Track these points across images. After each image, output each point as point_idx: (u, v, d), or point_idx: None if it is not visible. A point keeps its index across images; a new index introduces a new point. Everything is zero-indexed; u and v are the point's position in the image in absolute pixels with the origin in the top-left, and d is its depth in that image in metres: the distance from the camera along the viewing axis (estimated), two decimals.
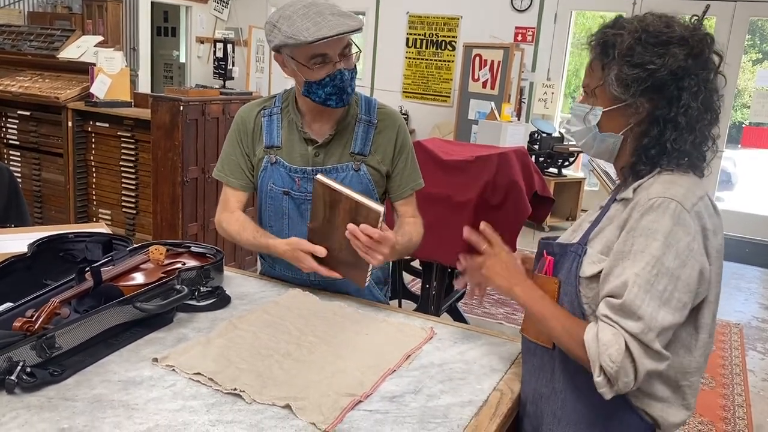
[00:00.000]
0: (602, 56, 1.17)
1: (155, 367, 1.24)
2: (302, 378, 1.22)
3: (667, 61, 1.10)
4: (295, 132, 1.70)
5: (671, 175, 1.13)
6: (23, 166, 4.34)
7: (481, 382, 1.29)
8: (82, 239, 1.76)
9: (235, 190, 1.76)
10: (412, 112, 7.93)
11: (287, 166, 1.68)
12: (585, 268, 1.15)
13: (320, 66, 1.56)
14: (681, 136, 1.13)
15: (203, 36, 8.84)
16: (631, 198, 1.14)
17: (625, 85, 1.13)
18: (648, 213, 1.08)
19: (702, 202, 1.11)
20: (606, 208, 1.21)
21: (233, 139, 1.76)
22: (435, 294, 3.25)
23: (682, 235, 1.06)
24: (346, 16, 1.53)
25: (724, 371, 3.58)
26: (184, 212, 3.64)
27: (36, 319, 1.20)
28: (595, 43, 1.19)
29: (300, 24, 1.50)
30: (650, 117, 1.15)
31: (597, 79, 1.19)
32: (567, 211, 6.60)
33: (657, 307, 1.04)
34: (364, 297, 1.73)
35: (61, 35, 4.55)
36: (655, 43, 1.11)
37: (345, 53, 1.58)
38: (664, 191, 1.09)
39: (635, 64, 1.12)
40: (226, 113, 3.81)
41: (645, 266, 1.05)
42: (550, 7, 7.14)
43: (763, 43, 8.43)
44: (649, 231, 1.06)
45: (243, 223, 1.72)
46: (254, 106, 1.76)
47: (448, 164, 3.09)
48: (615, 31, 1.15)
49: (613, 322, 1.06)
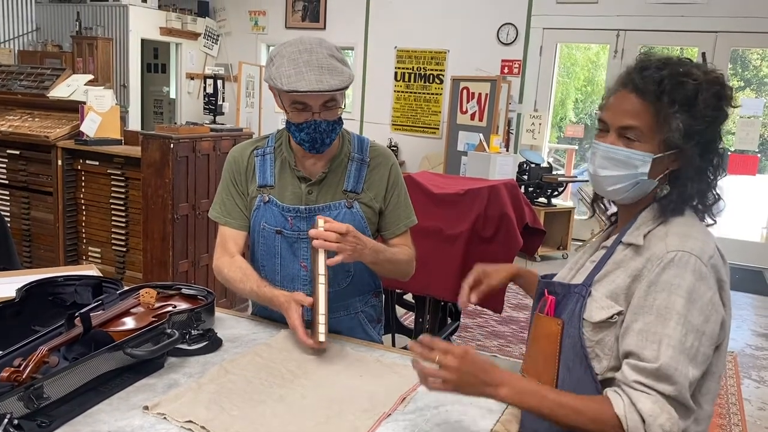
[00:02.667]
0: (667, 104, 1.11)
1: (146, 416, 1.22)
2: (296, 424, 1.20)
3: (720, 117, 1.11)
4: (287, 170, 1.70)
5: (682, 222, 1.13)
6: (12, 205, 4.31)
7: (477, 424, 1.27)
8: (71, 282, 1.74)
9: (233, 230, 1.74)
10: (401, 144, 7.98)
11: (280, 205, 1.68)
12: (592, 312, 1.13)
13: (298, 113, 1.58)
14: (708, 188, 1.14)
15: (193, 72, 8.91)
16: (642, 245, 1.13)
17: (688, 135, 1.10)
18: (669, 268, 1.07)
19: (715, 253, 1.11)
20: (611, 250, 1.19)
21: (227, 179, 1.75)
22: (428, 328, 3.23)
23: (704, 290, 1.06)
24: (334, 72, 1.52)
25: (720, 401, 3.56)
26: (174, 249, 3.62)
27: (24, 368, 1.18)
28: (654, 87, 1.12)
29: (284, 69, 1.52)
30: (688, 166, 1.14)
31: (658, 126, 1.12)
32: (558, 240, 6.63)
33: (687, 365, 1.04)
34: (358, 336, 1.72)
35: (51, 74, 4.57)
36: (718, 97, 1.11)
37: (328, 106, 1.58)
38: (681, 245, 1.09)
39: (699, 116, 1.10)
40: (217, 150, 3.82)
41: (675, 326, 1.04)
42: (535, 41, 7.27)
43: (744, 71, 8.60)
44: (672, 287, 1.06)
45: (245, 272, 1.68)
46: (247, 146, 1.77)
47: (438, 198, 3.11)
48: (679, 77, 1.11)
49: (648, 388, 1.04)
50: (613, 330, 1.12)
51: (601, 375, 1.13)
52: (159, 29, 8.33)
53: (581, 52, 9.08)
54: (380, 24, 8.03)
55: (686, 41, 6.74)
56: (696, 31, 6.56)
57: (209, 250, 3.88)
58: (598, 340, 1.13)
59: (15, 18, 8.17)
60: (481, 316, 4.66)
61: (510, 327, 4.53)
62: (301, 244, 1.67)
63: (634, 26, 6.75)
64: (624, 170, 1.16)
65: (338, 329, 1.71)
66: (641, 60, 1.16)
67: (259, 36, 8.79)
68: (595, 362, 1.13)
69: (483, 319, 4.62)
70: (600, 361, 1.13)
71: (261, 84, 7.30)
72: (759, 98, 7.29)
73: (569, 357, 1.15)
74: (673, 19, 6.59)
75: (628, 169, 1.15)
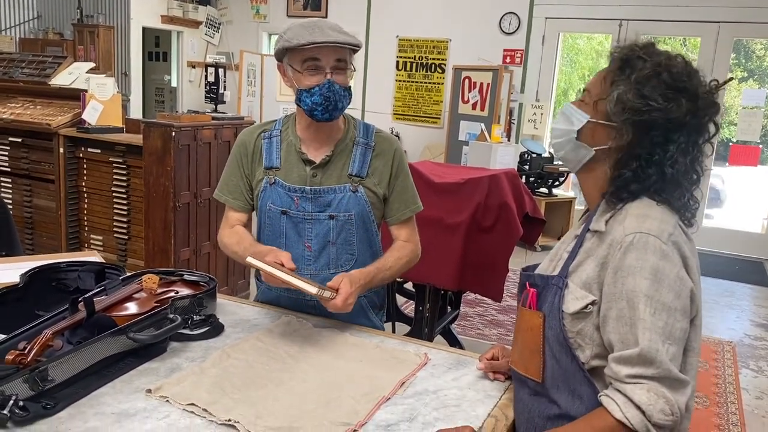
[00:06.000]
0: (618, 71, 1.16)
1: (149, 399, 1.24)
2: (297, 407, 1.22)
3: (668, 107, 1.11)
4: (293, 153, 1.74)
5: (640, 204, 1.14)
6: (14, 192, 4.33)
7: (475, 409, 1.29)
8: (74, 268, 1.75)
9: (235, 211, 1.81)
10: (403, 133, 7.98)
11: (285, 185, 1.71)
12: (569, 303, 1.15)
13: (312, 73, 1.62)
14: (666, 185, 1.13)
15: (194, 60, 8.89)
16: (604, 230, 1.15)
17: (621, 108, 1.13)
18: (629, 251, 1.08)
19: (676, 230, 1.12)
20: (581, 239, 1.21)
21: (234, 161, 1.80)
22: (428, 316, 3.25)
23: (669, 268, 1.07)
24: (345, 33, 1.61)
25: (718, 390, 3.58)
26: (176, 237, 3.64)
27: (28, 351, 1.20)
28: (618, 56, 1.18)
29: (298, 31, 1.60)
30: (630, 150, 1.14)
31: (603, 90, 1.18)
32: (558, 231, 6.63)
33: (665, 344, 1.05)
34: (359, 322, 1.74)
35: (52, 62, 4.56)
36: (669, 85, 1.11)
37: (338, 66, 1.63)
38: (638, 226, 1.10)
39: (641, 95, 1.12)
40: (218, 138, 3.82)
41: (645, 308, 1.06)
42: (537, 30, 7.24)
43: (747, 62, 8.57)
44: (635, 269, 1.07)
45: (241, 236, 1.76)
46: (255, 129, 1.82)
47: (439, 187, 3.11)
48: (642, 54, 1.15)
49: (638, 378, 1.06)
50: (590, 319, 1.13)
51: (587, 364, 1.15)
52: (160, 17, 8.30)
53: (584, 42, 9.05)
54: (382, 13, 8.00)
55: (689, 31, 6.72)
56: (699, 21, 6.54)
57: (211, 238, 3.90)
58: (578, 330, 1.14)
59: (16, 6, 8.15)
60: (480, 305, 4.68)
61: (510, 316, 4.55)
62: (305, 224, 1.71)
63: (637, 16, 6.72)
64: (564, 125, 1.23)
65: (339, 315, 1.72)
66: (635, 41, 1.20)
67: (260, 24, 8.77)
68: (579, 352, 1.14)
69: (482, 308, 4.64)
70: (583, 351, 1.15)
71: (263, 72, 7.28)
72: (762, 89, 7.27)
73: (555, 348, 1.17)
74: (676, 9, 6.56)
75: (567, 124, 1.22)
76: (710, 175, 6.58)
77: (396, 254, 1.75)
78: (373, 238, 1.77)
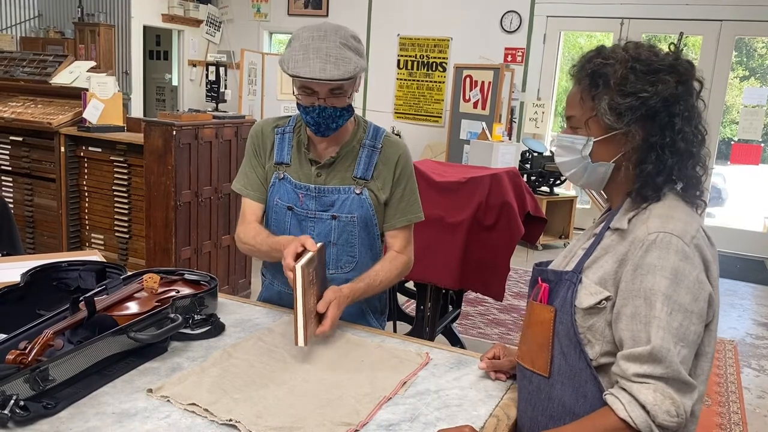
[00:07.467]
0: (591, 87, 1.17)
1: (150, 398, 1.23)
2: (298, 407, 1.22)
3: (659, 89, 1.12)
4: (302, 151, 1.75)
5: (665, 205, 1.14)
6: (15, 191, 4.32)
7: (477, 409, 1.29)
8: (75, 268, 1.75)
9: (253, 202, 1.79)
10: (404, 132, 7.96)
11: (293, 182, 1.72)
12: (582, 298, 1.15)
13: (306, 96, 1.62)
14: (682, 161, 1.15)
15: (195, 59, 8.88)
16: (626, 229, 1.15)
17: (618, 114, 1.14)
18: (651, 250, 1.08)
19: (699, 233, 1.12)
20: (600, 236, 1.21)
21: (250, 152, 1.80)
22: (430, 316, 3.24)
23: (690, 270, 1.07)
24: (340, 62, 1.53)
25: (720, 389, 3.58)
26: (177, 236, 3.63)
27: (29, 351, 1.20)
28: (583, 74, 1.19)
29: (294, 54, 1.56)
30: (645, 144, 1.16)
31: (588, 110, 1.19)
32: (560, 229, 6.63)
33: (677, 345, 1.05)
34: (360, 323, 1.73)
35: (53, 61, 4.56)
36: (646, 72, 1.13)
37: (334, 93, 1.60)
38: (662, 226, 1.10)
39: (628, 93, 1.13)
40: (219, 137, 3.82)
41: (662, 307, 1.05)
42: (539, 28, 7.23)
43: (749, 60, 8.55)
44: (656, 268, 1.07)
45: (257, 229, 1.75)
46: (270, 122, 1.82)
47: (440, 186, 3.11)
48: (603, 60, 1.16)
49: (646, 378, 1.05)
50: (603, 315, 1.13)
51: (595, 360, 1.14)
52: (161, 16, 8.29)
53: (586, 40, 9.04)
54: (383, 11, 7.99)
55: (690, 29, 6.70)
56: (700, 20, 6.52)
57: (212, 237, 3.90)
58: (589, 326, 1.14)
59: (17, 4, 8.14)
60: (482, 304, 4.68)
61: (511, 315, 4.55)
62: (308, 223, 1.72)
63: (639, 14, 6.71)
64: (571, 155, 1.23)
65: (341, 316, 1.71)
66: (584, 54, 1.22)
67: (261, 23, 8.76)
68: (588, 348, 1.14)
69: (484, 307, 4.64)
70: (593, 347, 1.15)
71: (263, 71, 7.28)
72: (763, 87, 7.25)
73: (563, 343, 1.17)
74: (677, 7, 6.55)
75: (573, 154, 1.22)
76: (712, 173, 6.57)
77: (387, 266, 1.73)
78: (374, 241, 1.76)
